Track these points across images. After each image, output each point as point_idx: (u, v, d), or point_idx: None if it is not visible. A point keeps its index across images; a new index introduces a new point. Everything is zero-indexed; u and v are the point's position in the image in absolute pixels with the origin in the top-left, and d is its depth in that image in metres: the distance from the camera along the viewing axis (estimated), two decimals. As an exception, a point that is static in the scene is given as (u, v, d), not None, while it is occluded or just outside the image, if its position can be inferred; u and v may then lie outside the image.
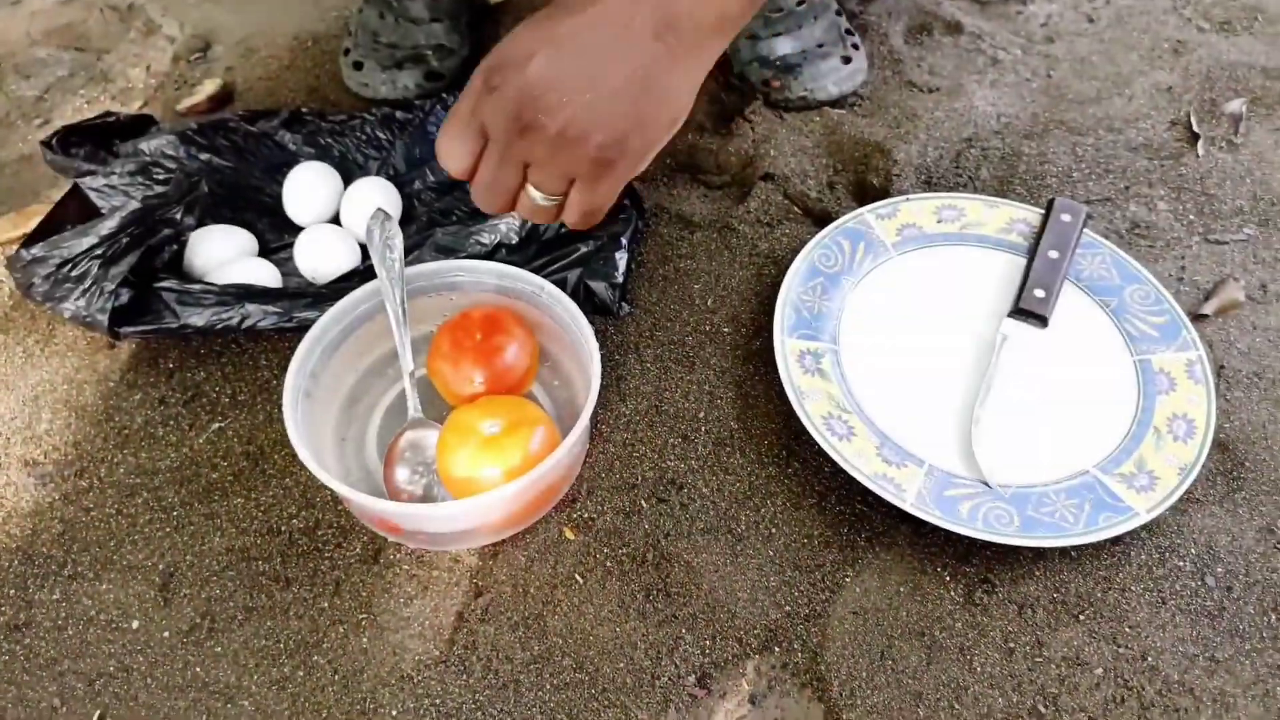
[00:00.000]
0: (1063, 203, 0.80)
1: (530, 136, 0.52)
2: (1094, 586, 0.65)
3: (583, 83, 0.50)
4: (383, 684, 0.61)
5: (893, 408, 0.71)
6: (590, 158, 0.53)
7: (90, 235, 0.72)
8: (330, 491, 0.69)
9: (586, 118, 0.51)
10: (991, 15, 1.09)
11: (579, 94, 0.51)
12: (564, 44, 0.51)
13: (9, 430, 0.73)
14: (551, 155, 0.53)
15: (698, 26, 0.52)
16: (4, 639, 0.63)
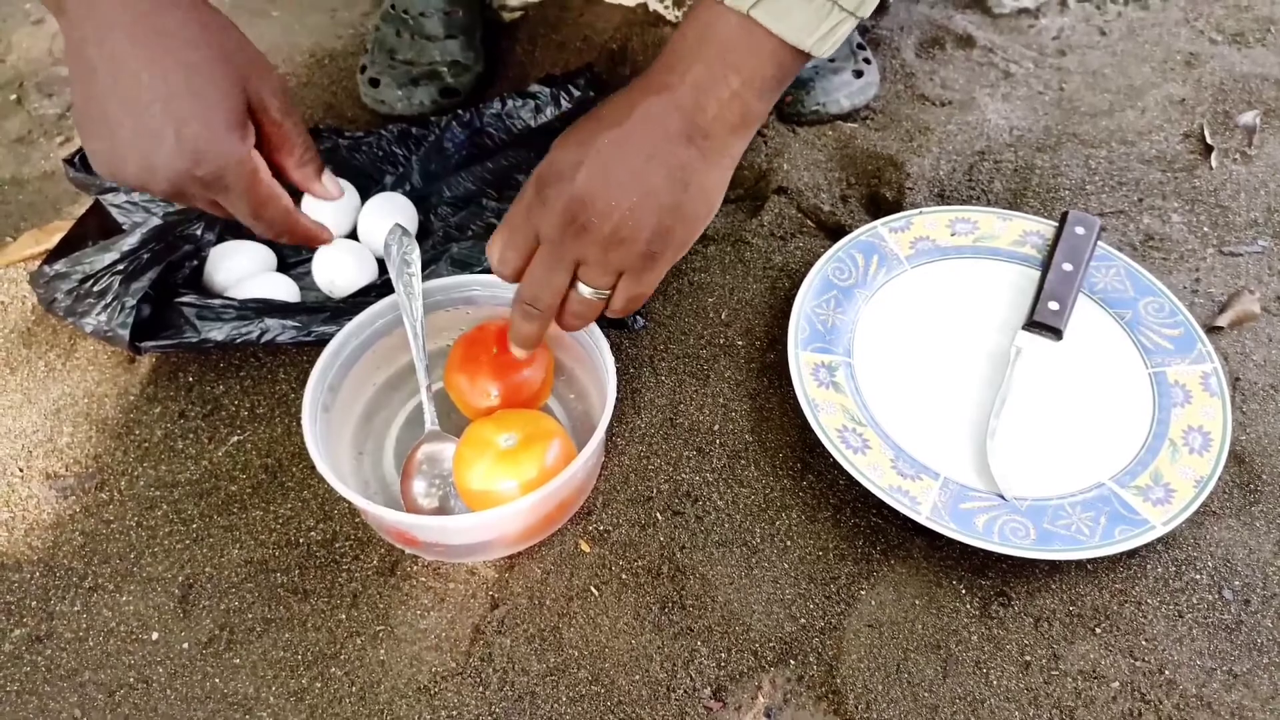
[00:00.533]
0: (1076, 215, 0.81)
1: (584, 238, 0.56)
2: (1110, 599, 0.64)
3: (628, 187, 0.54)
4: (400, 695, 0.61)
5: (907, 420, 0.71)
6: (639, 253, 0.57)
7: (112, 251, 0.73)
8: (348, 504, 0.69)
9: (634, 218, 0.55)
10: (1003, 29, 1.10)
11: (626, 197, 0.54)
12: (607, 154, 0.54)
13: (31, 443, 0.74)
14: (603, 253, 0.56)
15: (725, 128, 0.56)
16: (26, 650, 0.64)
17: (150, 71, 0.50)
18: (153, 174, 0.52)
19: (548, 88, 0.92)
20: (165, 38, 0.50)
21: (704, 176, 0.57)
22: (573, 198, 0.54)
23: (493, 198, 0.86)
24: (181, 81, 0.50)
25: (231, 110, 0.52)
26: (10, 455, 0.74)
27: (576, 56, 1.04)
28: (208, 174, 0.51)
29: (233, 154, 0.52)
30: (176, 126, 0.50)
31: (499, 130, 0.91)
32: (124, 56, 0.50)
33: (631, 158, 0.54)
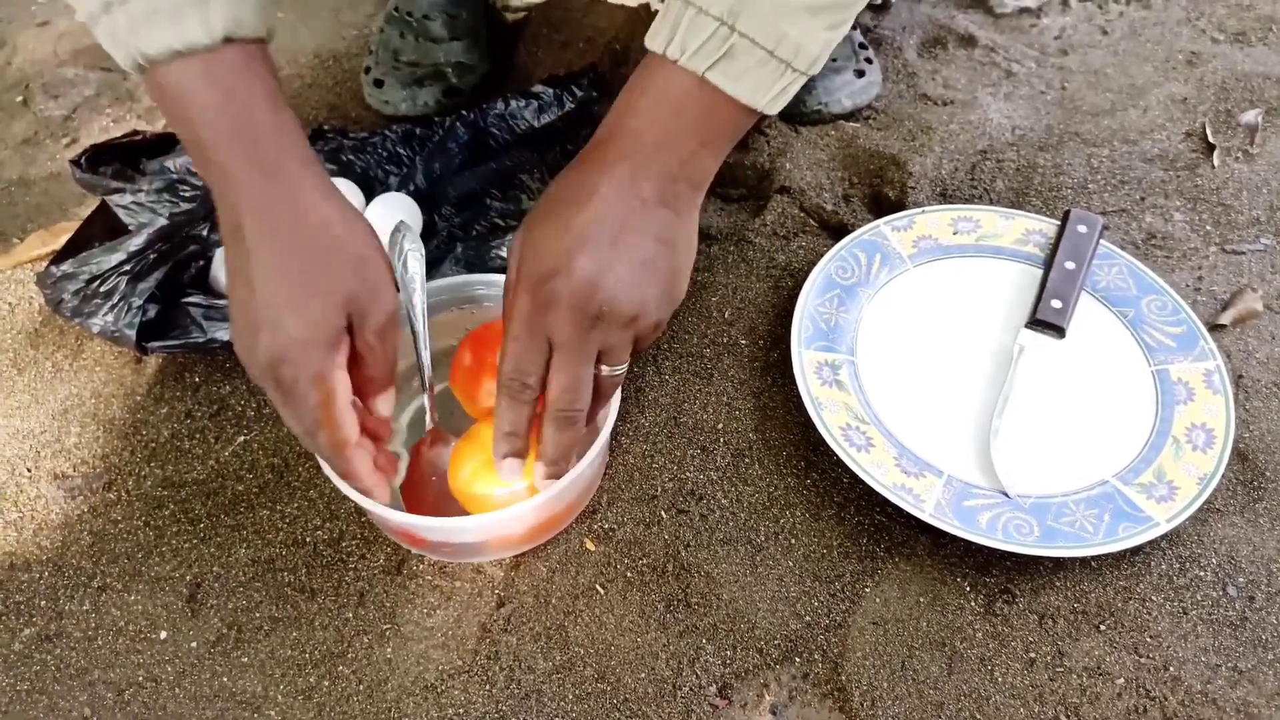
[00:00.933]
0: (1078, 214, 0.81)
1: (601, 327, 0.55)
2: (1115, 596, 0.65)
3: (626, 265, 0.54)
4: (407, 693, 0.61)
5: (910, 418, 0.71)
6: (653, 321, 0.57)
7: (118, 252, 0.74)
8: (354, 504, 0.70)
9: (641, 292, 0.55)
10: (1005, 28, 1.10)
11: (628, 275, 0.54)
12: (593, 236, 0.53)
13: (39, 444, 0.75)
14: (624, 333, 0.56)
15: (689, 187, 0.57)
16: (35, 649, 0.64)
17: (267, 274, 0.52)
18: (248, 358, 0.54)
19: (551, 88, 0.92)
20: (288, 245, 0.52)
21: (683, 232, 0.57)
22: (576, 292, 0.53)
23: (496, 198, 0.87)
24: (288, 290, 0.52)
25: (325, 329, 0.52)
26: (18, 456, 0.74)
27: (580, 57, 1.05)
28: (286, 378, 0.52)
29: (311, 366, 0.52)
30: (270, 330, 0.52)
31: (503, 130, 0.91)
32: (252, 253, 0.52)
33: (614, 234, 0.54)
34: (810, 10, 0.52)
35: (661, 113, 0.54)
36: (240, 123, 0.51)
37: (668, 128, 0.54)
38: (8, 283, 0.86)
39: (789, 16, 0.51)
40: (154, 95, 0.52)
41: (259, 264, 0.52)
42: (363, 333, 0.55)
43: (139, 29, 0.49)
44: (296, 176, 0.53)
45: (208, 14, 0.49)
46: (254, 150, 0.52)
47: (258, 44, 0.52)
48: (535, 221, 0.56)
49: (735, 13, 0.51)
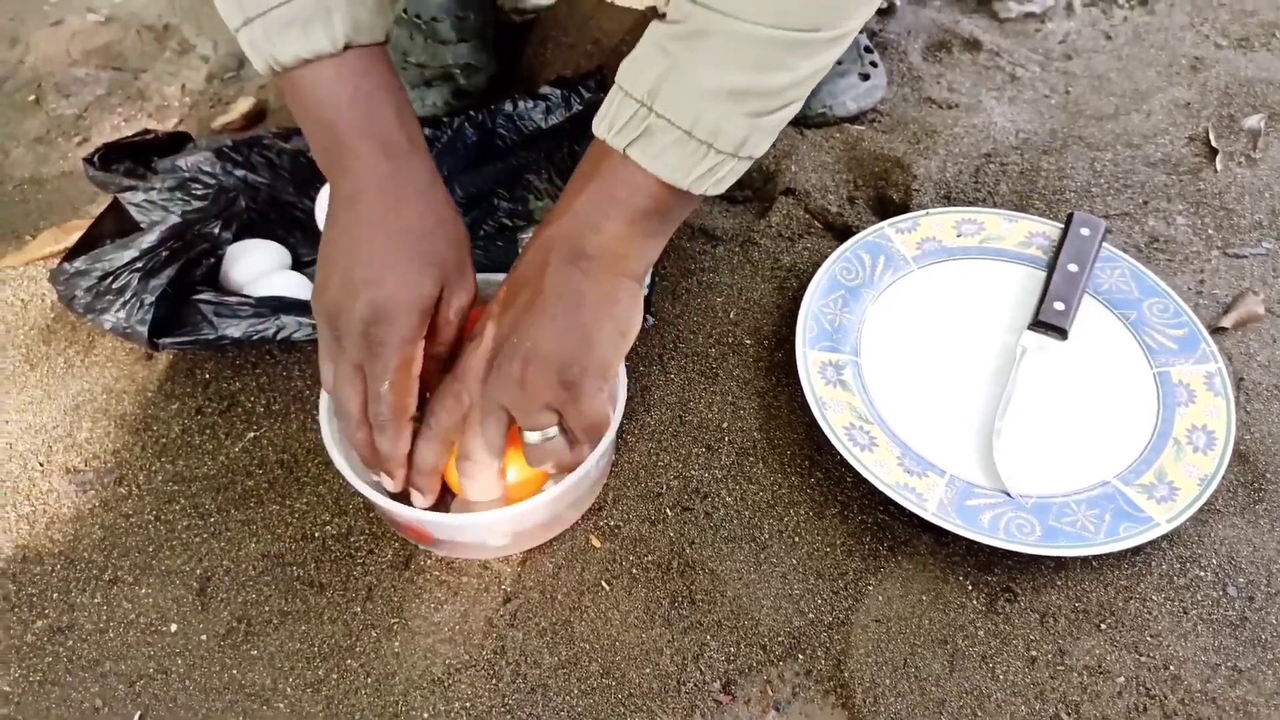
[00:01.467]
0: (1081, 217, 0.81)
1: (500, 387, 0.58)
2: (1115, 596, 0.65)
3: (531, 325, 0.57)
4: (414, 687, 0.62)
5: (914, 418, 0.72)
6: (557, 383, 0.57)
7: (131, 249, 0.74)
8: (362, 499, 0.70)
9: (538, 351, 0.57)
10: (1010, 33, 1.10)
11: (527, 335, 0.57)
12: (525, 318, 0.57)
13: (51, 439, 0.76)
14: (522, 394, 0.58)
15: (608, 256, 0.58)
16: (48, 641, 0.65)
17: (379, 238, 0.57)
18: (339, 312, 0.58)
19: (558, 89, 0.93)
20: (402, 218, 0.58)
21: (595, 293, 0.58)
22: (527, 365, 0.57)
23: (504, 197, 0.88)
24: (397, 254, 0.57)
25: (421, 296, 0.58)
26: (31, 450, 0.75)
27: (587, 59, 1.05)
28: (376, 333, 0.56)
29: (402, 331, 0.57)
30: (376, 287, 0.57)
31: (510, 131, 0.92)
32: (366, 219, 0.58)
33: (530, 293, 0.58)
34: (730, 95, 0.52)
35: (591, 185, 0.57)
36: (367, 115, 0.57)
37: (592, 198, 0.57)
38: (20, 280, 0.87)
39: (707, 100, 0.52)
40: (287, 94, 0.59)
41: (372, 231, 0.57)
42: (445, 309, 0.60)
43: (274, 39, 0.55)
44: (414, 163, 0.59)
45: (331, 24, 0.55)
46: (380, 138, 0.58)
47: (378, 47, 0.59)
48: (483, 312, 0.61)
49: (654, 94, 0.53)
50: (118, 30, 1.17)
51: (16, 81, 1.11)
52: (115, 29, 1.17)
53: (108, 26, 1.17)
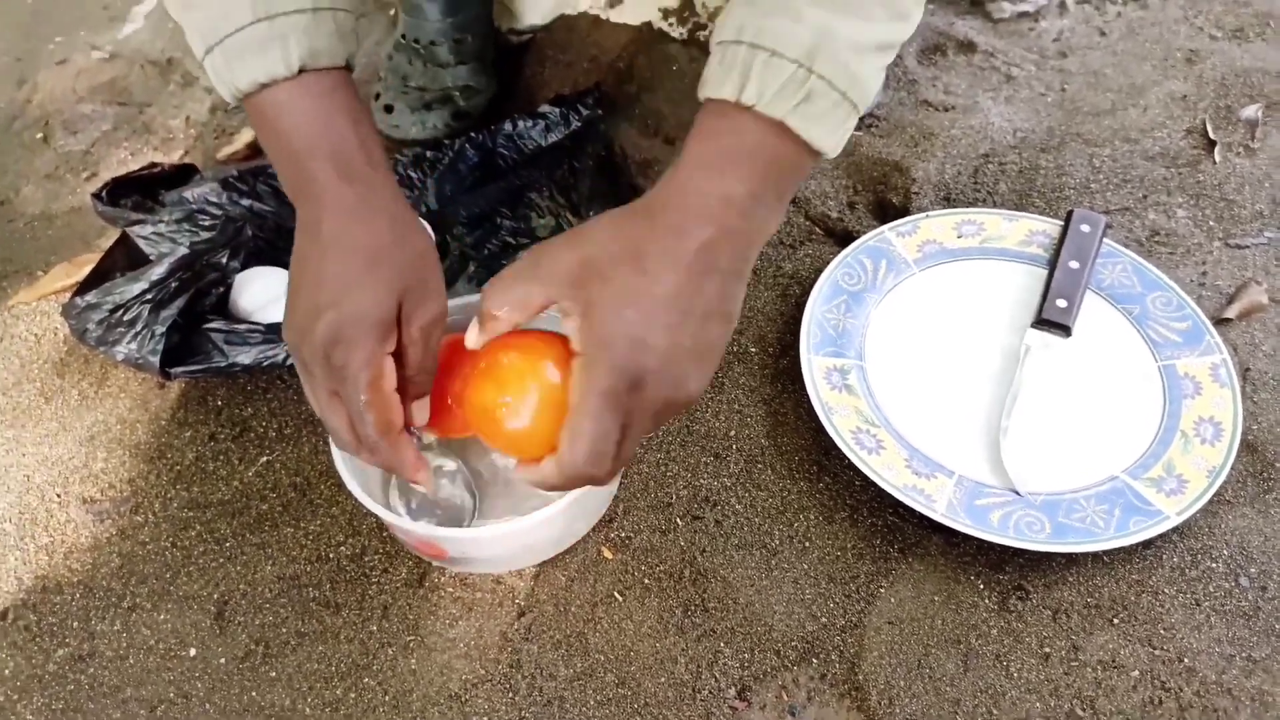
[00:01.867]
0: (1081, 213, 0.82)
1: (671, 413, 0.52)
2: (1127, 590, 0.65)
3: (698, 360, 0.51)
4: (432, 703, 0.63)
5: (920, 420, 0.72)
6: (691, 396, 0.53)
7: (141, 281, 0.75)
8: (375, 519, 0.71)
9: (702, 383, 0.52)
10: (1004, 33, 1.11)
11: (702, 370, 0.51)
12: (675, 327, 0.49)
13: (67, 470, 0.77)
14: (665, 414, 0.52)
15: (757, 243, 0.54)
16: (69, 669, 0.66)
17: (335, 260, 0.56)
18: (302, 340, 0.56)
19: (557, 108, 0.94)
20: (358, 237, 0.56)
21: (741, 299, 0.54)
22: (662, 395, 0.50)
23: (507, 216, 0.88)
24: (353, 274, 0.55)
25: (379, 314, 0.55)
26: (48, 482, 0.76)
27: (585, 76, 1.06)
28: (337, 356, 0.54)
29: (364, 350, 0.54)
30: (333, 310, 0.54)
31: (510, 150, 0.93)
32: (325, 243, 0.56)
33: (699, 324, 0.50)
34: (879, 49, 0.51)
35: (733, 165, 0.51)
36: (323, 138, 0.56)
37: (741, 180, 0.50)
38: (33, 314, 0.89)
39: (861, 56, 0.50)
40: (252, 120, 0.58)
41: (331, 255, 0.56)
42: (409, 327, 0.56)
43: (233, 65, 0.55)
44: (373, 183, 0.57)
45: (287, 48, 0.54)
46: (338, 159, 0.56)
47: (339, 70, 0.57)
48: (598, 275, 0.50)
49: (812, 55, 0.49)
50: (122, 66, 1.18)
51: (25, 120, 1.13)
52: (120, 65, 1.19)
53: (112, 63, 1.19)
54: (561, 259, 0.51)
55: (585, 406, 0.49)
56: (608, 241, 0.51)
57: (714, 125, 0.52)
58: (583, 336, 0.50)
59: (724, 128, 0.51)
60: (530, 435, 0.54)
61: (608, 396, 0.49)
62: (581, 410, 0.49)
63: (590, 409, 0.49)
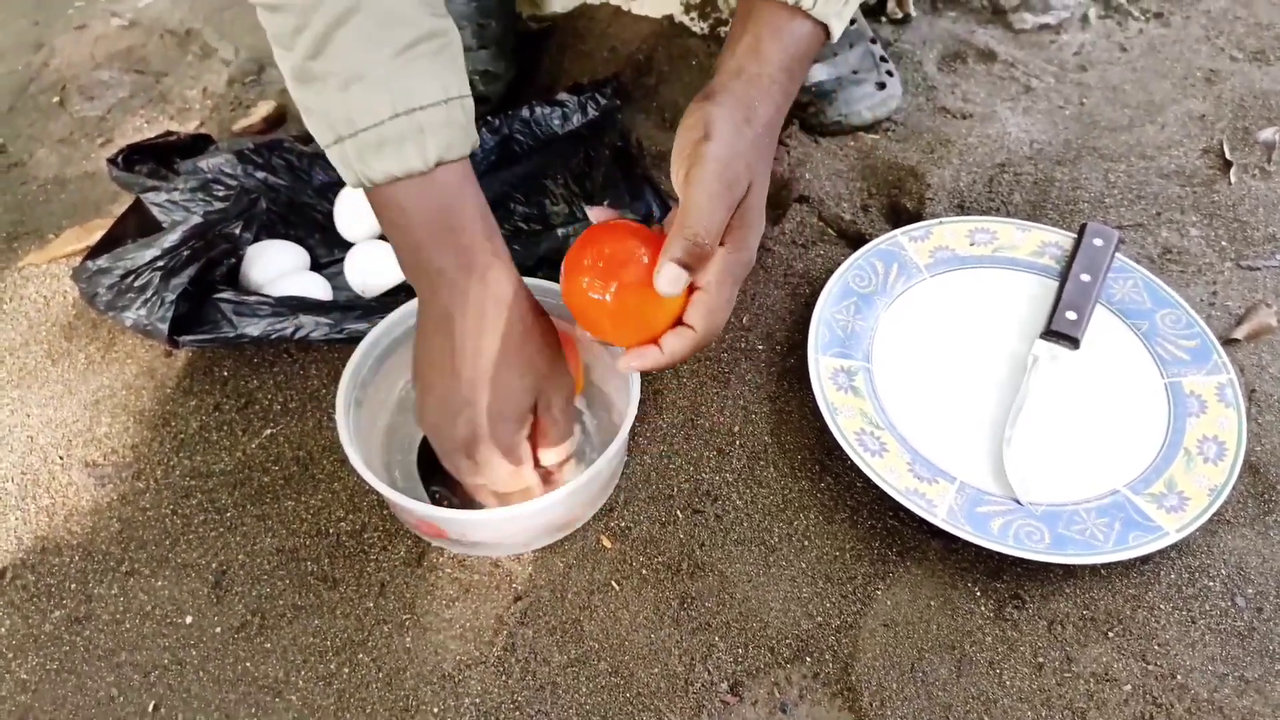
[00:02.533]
0: (1094, 227, 0.82)
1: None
2: (1124, 604, 0.65)
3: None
4: (425, 682, 0.63)
5: (924, 425, 0.72)
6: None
7: (153, 248, 0.75)
8: (376, 496, 0.71)
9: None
10: (1024, 44, 1.11)
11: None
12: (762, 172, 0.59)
13: (71, 433, 0.77)
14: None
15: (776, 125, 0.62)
16: (65, 630, 0.66)
17: (472, 358, 0.59)
18: (438, 434, 0.62)
19: (575, 96, 0.94)
20: (495, 336, 0.59)
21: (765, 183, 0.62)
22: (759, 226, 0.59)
23: (520, 201, 0.88)
24: (488, 373, 0.59)
25: (515, 409, 0.60)
26: (51, 444, 0.76)
27: (604, 66, 1.06)
28: (481, 456, 0.60)
29: (505, 445, 0.60)
30: (469, 407, 0.59)
31: (527, 136, 0.93)
32: (458, 340, 0.59)
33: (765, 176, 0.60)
34: None
35: (783, 57, 0.60)
36: (453, 232, 0.58)
37: (788, 68, 0.60)
38: (43, 277, 0.89)
39: None
40: (376, 206, 0.60)
41: (465, 352, 0.59)
42: (549, 411, 0.62)
43: (367, 158, 0.56)
44: (499, 278, 0.60)
45: (424, 145, 0.56)
46: (465, 255, 0.59)
47: (466, 160, 0.60)
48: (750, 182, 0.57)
49: None
50: (141, 34, 1.18)
51: (41, 84, 1.13)
52: (138, 33, 1.19)
53: (131, 31, 1.19)
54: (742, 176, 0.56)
55: (720, 289, 0.56)
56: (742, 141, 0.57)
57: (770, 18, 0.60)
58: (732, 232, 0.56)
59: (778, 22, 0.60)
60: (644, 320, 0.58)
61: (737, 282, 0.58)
62: (718, 292, 0.56)
63: (725, 290, 0.57)
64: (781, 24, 0.60)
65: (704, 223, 0.54)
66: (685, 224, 0.54)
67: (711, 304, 0.57)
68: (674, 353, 0.57)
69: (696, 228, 0.54)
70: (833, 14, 0.60)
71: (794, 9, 0.59)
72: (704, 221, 0.54)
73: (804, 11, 0.59)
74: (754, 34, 0.60)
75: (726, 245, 0.56)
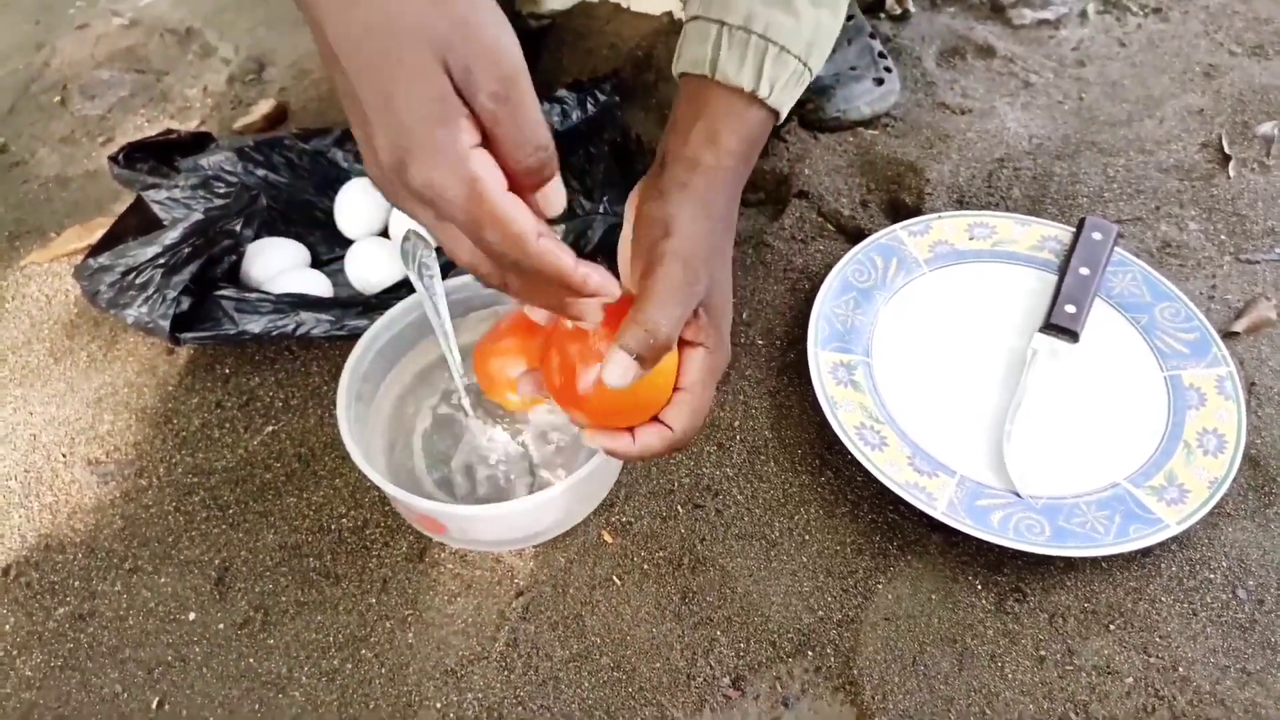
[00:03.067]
0: (1093, 221, 0.82)
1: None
2: (1125, 597, 0.65)
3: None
4: (428, 677, 0.63)
5: (924, 419, 0.73)
6: None
7: (154, 245, 0.76)
8: (378, 492, 0.71)
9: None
10: (1023, 39, 1.11)
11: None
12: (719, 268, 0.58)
13: (74, 431, 0.77)
14: None
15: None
16: (69, 627, 0.66)
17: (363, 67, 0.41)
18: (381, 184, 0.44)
19: (574, 93, 0.94)
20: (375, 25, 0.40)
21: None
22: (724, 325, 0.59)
23: (521, 199, 0.88)
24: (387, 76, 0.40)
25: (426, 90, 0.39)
26: (54, 441, 0.76)
27: (603, 63, 1.06)
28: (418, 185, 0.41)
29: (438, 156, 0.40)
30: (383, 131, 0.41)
31: (527, 134, 0.93)
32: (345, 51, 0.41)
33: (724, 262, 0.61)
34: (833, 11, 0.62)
35: (742, 146, 0.60)
36: None
37: (746, 156, 0.61)
38: (45, 275, 0.89)
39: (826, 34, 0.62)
40: None
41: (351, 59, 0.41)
42: (476, 96, 0.40)
43: None
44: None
45: None
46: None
47: None
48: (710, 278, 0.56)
49: (809, 51, 0.61)
50: (141, 34, 1.19)
51: (43, 84, 1.13)
52: (139, 32, 1.19)
53: (131, 30, 1.19)
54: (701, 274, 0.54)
55: (705, 391, 0.55)
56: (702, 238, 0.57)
57: (727, 110, 0.60)
58: (708, 334, 0.55)
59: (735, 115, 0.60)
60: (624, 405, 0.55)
61: (716, 380, 0.56)
62: (702, 393, 0.55)
63: (709, 392, 0.56)
64: (739, 112, 0.60)
65: (662, 314, 0.51)
66: (643, 314, 0.51)
67: (695, 405, 0.55)
68: (646, 448, 0.55)
69: (656, 318, 0.50)
70: (787, 100, 0.61)
71: (751, 97, 0.59)
72: (662, 313, 0.51)
73: (760, 100, 0.59)
74: (708, 123, 0.59)
75: (706, 346, 0.55)
